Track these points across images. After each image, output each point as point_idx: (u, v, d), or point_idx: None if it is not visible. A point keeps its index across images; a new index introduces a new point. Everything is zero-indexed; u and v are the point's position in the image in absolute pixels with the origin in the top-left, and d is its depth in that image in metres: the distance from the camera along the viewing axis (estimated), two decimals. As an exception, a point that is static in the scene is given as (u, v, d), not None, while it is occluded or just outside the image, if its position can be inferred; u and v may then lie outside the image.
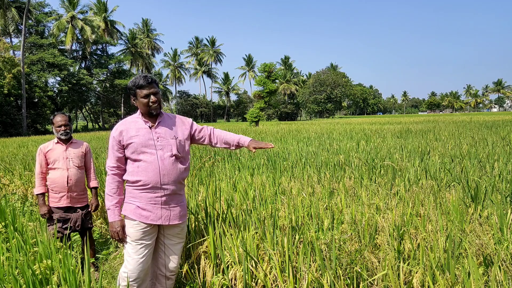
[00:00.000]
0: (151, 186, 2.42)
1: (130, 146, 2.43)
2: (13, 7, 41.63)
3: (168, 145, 2.47)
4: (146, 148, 2.42)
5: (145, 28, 73.32)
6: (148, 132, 2.46)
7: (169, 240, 2.59)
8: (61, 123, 3.56)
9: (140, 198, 2.45)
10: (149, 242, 2.50)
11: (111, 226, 2.48)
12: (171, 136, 2.49)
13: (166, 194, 2.46)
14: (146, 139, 2.43)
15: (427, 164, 5.64)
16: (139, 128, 2.46)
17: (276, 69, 52.12)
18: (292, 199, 3.76)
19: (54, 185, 3.54)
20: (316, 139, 12.41)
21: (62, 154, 3.57)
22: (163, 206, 2.47)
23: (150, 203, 2.44)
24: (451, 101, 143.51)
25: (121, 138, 2.45)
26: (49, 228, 3.57)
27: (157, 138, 2.45)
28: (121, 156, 2.48)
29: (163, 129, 2.50)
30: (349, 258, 2.50)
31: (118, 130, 2.48)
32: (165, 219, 2.48)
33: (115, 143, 2.46)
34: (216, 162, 7.24)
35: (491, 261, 2.37)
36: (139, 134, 2.44)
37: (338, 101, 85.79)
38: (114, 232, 2.48)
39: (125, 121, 2.54)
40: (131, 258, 2.46)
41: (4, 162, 9.26)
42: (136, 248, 2.46)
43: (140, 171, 2.41)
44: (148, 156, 2.42)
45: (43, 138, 23.74)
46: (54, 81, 46.34)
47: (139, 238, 2.45)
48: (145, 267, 2.49)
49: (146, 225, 2.46)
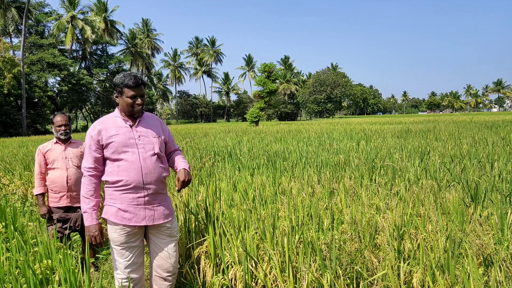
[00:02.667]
0: (133, 186, 2.34)
1: (110, 146, 2.35)
2: (13, 7, 41.64)
3: (149, 143, 2.42)
4: (127, 148, 2.36)
5: (145, 28, 73.34)
6: (129, 131, 2.40)
7: (159, 239, 2.51)
8: (61, 123, 3.57)
9: (121, 199, 2.36)
10: (135, 244, 2.44)
11: (88, 230, 2.38)
12: (153, 135, 2.46)
13: (149, 193, 2.39)
14: (126, 138, 2.37)
15: (427, 164, 5.64)
16: (119, 127, 2.40)
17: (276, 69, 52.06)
18: (292, 199, 3.76)
19: (54, 185, 3.54)
20: (316, 139, 12.41)
21: (61, 154, 3.57)
22: (146, 206, 2.39)
23: (132, 204, 2.37)
24: (451, 101, 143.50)
25: (100, 138, 2.36)
26: (48, 229, 3.57)
27: (139, 137, 2.40)
28: (99, 157, 2.39)
29: (144, 128, 2.45)
30: (349, 258, 2.50)
31: (96, 129, 2.39)
32: (149, 219, 2.40)
33: (93, 142, 2.37)
34: (216, 162, 7.24)
35: (491, 261, 2.37)
36: (119, 133, 2.37)
37: (338, 101, 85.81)
38: (92, 236, 2.38)
39: (103, 120, 2.45)
40: (118, 262, 2.41)
41: (4, 162, 9.26)
42: (121, 252, 2.40)
43: (120, 171, 2.34)
44: (129, 155, 2.35)
45: (43, 138, 23.73)
46: (54, 81, 46.39)
47: (123, 242, 2.39)
48: (135, 268, 2.44)
49: (129, 229, 2.39)
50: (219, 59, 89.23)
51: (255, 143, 11.24)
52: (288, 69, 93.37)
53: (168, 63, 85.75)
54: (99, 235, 2.39)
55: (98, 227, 2.40)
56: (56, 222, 3.53)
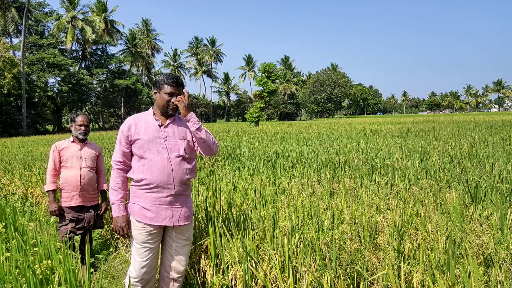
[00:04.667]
0: (156, 185, 2.38)
1: (137, 142, 2.40)
2: (13, 7, 41.60)
3: (175, 145, 2.43)
4: (153, 146, 2.39)
5: (145, 28, 73.30)
6: (157, 130, 2.42)
7: (176, 242, 2.54)
8: (82, 123, 3.65)
9: (145, 198, 2.41)
10: (153, 246, 2.47)
11: (115, 221, 2.44)
12: (179, 136, 2.46)
13: (171, 194, 2.42)
14: (154, 136, 2.40)
15: (427, 164, 5.64)
16: (149, 125, 2.43)
17: (276, 69, 52.10)
18: (292, 199, 3.76)
19: (67, 184, 3.55)
20: (316, 139, 12.41)
21: (76, 153, 3.61)
22: (168, 207, 2.43)
23: (154, 203, 2.40)
24: (451, 101, 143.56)
25: (129, 134, 2.42)
26: (61, 229, 3.57)
27: (166, 137, 2.42)
28: (128, 152, 2.45)
29: (173, 129, 2.46)
30: (349, 258, 2.50)
31: (127, 124, 2.45)
32: (170, 220, 2.43)
33: (123, 137, 2.43)
34: (216, 162, 7.24)
35: (491, 261, 2.37)
36: (148, 131, 2.40)
37: (338, 101, 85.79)
38: (119, 227, 2.43)
39: (135, 116, 2.50)
40: (134, 260, 2.46)
41: (4, 162, 9.26)
42: (140, 251, 2.44)
43: (145, 170, 2.38)
44: (154, 154, 2.38)
45: (43, 138, 23.74)
46: (54, 81, 46.41)
47: (143, 241, 2.43)
48: (148, 270, 2.47)
49: (151, 228, 2.42)
50: (219, 59, 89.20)
51: (255, 143, 11.24)
52: (288, 69, 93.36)
53: (168, 63, 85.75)
54: (125, 226, 2.44)
55: (125, 218, 2.44)
56: (69, 222, 3.55)
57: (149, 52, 71.60)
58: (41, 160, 8.63)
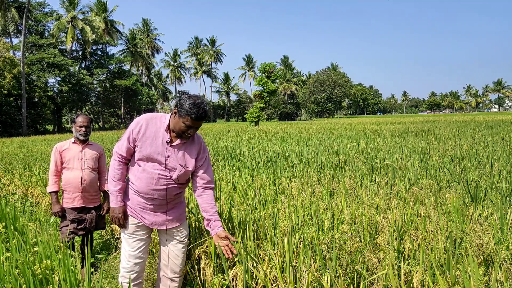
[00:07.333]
0: (141, 194, 2.42)
1: (139, 147, 2.35)
2: (13, 7, 41.60)
3: (173, 168, 2.37)
4: (151, 158, 2.34)
5: (145, 28, 73.32)
6: (163, 146, 2.33)
7: (169, 241, 2.58)
8: (82, 123, 3.61)
9: (132, 198, 2.47)
10: (143, 237, 2.51)
11: (112, 211, 2.46)
12: (181, 162, 2.38)
13: (154, 204, 2.44)
14: (156, 152, 2.33)
15: (427, 164, 5.64)
16: (157, 137, 2.33)
17: (276, 69, 52.08)
18: (292, 199, 3.75)
19: (68, 185, 3.55)
20: (316, 139, 12.41)
21: (78, 154, 3.60)
22: (152, 213, 2.47)
23: (138, 206, 2.45)
24: (451, 101, 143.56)
25: (137, 136, 2.35)
26: (63, 230, 3.57)
27: (168, 157, 2.35)
28: (131, 148, 2.42)
29: (178, 152, 2.37)
30: (349, 258, 2.50)
31: (138, 126, 2.35)
32: (155, 224, 2.49)
33: (131, 134, 2.37)
34: (216, 162, 7.24)
35: (491, 261, 2.36)
36: (153, 144, 2.33)
37: (338, 101, 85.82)
38: (115, 217, 2.45)
39: (151, 118, 2.39)
40: (124, 250, 2.51)
41: (4, 162, 9.26)
42: (129, 241, 2.48)
43: (136, 176, 2.41)
44: (149, 166, 2.35)
45: (43, 138, 23.74)
46: (54, 81, 46.35)
47: (132, 231, 2.48)
48: (138, 262, 2.50)
49: (137, 220, 2.47)
50: (219, 59, 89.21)
51: (255, 143, 11.24)
52: (288, 69, 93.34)
53: (168, 63, 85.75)
54: (122, 217, 2.46)
55: (122, 209, 2.46)
56: (70, 223, 3.55)
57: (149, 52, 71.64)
58: (41, 160, 8.63)
